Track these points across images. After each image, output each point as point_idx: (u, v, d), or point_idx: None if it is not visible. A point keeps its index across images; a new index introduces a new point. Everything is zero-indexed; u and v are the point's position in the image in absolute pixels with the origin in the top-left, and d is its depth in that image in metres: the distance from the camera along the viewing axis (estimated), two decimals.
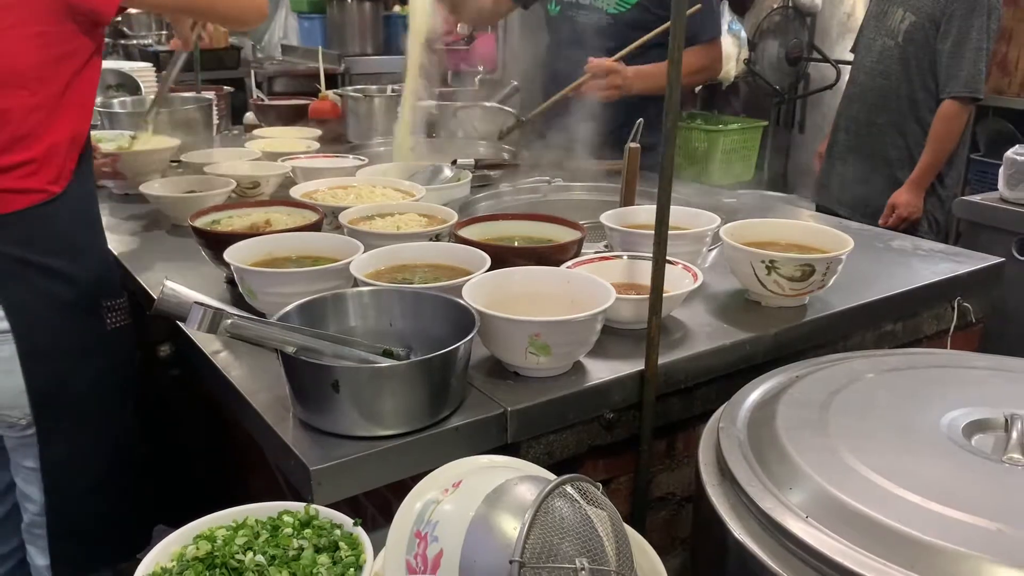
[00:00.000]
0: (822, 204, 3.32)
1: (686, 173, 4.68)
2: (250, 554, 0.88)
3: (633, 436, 1.30)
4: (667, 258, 1.22)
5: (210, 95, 2.78)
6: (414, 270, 1.45)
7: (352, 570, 0.88)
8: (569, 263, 1.47)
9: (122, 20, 4.79)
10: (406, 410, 1.10)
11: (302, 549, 0.90)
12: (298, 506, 0.96)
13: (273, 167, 2.19)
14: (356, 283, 1.35)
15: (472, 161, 2.31)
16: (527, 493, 0.84)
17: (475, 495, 0.85)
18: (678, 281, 1.41)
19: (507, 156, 2.54)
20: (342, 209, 1.70)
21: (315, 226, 1.64)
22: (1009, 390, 1.18)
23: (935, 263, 1.77)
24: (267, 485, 1.52)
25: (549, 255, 1.50)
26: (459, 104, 2.77)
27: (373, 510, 1.33)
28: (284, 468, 1.13)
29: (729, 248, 1.51)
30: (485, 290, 1.29)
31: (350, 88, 3.05)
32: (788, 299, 1.49)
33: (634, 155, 1.82)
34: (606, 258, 1.52)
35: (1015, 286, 2.53)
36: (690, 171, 4.74)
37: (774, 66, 4.92)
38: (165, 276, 1.13)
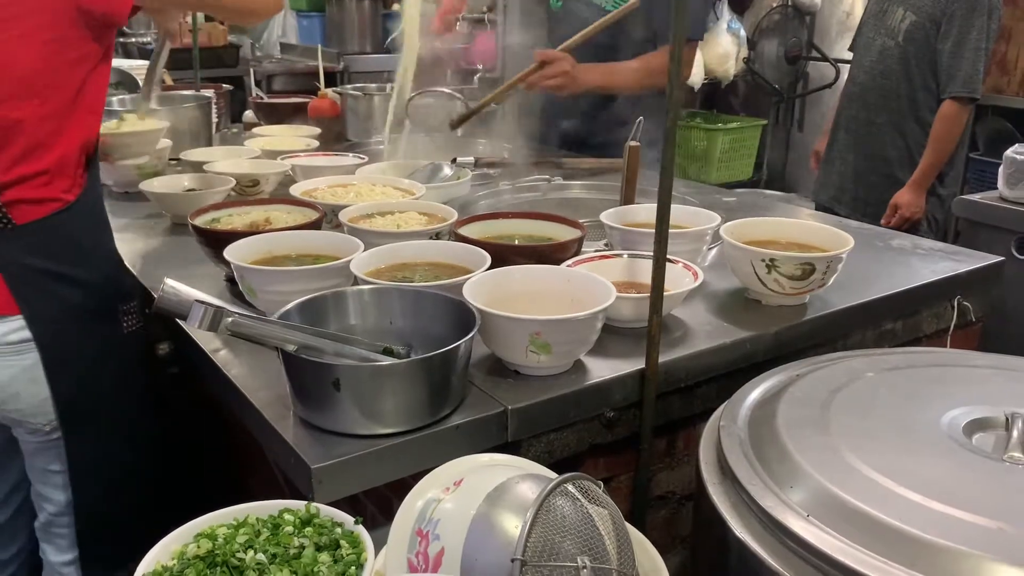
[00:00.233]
0: (821, 203, 3.32)
1: (685, 172, 4.68)
2: (251, 552, 0.88)
3: (634, 434, 1.30)
4: (667, 256, 1.22)
5: (209, 93, 2.78)
6: (414, 268, 1.45)
7: (353, 568, 0.87)
8: (569, 261, 1.47)
9: None
10: (407, 408, 1.10)
11: (303, 547, 0.89)
12: (299, 504, 0.96)
13: (273, 165, 2.18)
14: (356, 281, 1.35)
15: (472, 159, 2.31)
16: (528, 491, 0.84)
17: (476, 493, 0.86)
18: (678, 280, 1.41)
19: (506, 155, 2.53)
20: (342, 207, 1.70)
21: (315, 224, 1.64)
22: (1009, 389, 1.18)
23: (935, 262, 1.77)
24: (267, 483, 1.52)
25: (549, 253, 1.50)
26: (413, 93, 2.56)
27: (374, 508, 1.32)
28: (285, 466, 1.13)
29: (729, 247, 1.51)
30: (485, 288, 1.29)
31: (349, 86, 3.06)
32: (788, 298, 1.49)
33: (634, 153, 1.82)
34: (606, 256, 1.52)
35: (1014, 285, 2.53)
36: (689, 170, 4.75)
37: (773, 65, 4.92)
38: (165, 275, 1.12)
